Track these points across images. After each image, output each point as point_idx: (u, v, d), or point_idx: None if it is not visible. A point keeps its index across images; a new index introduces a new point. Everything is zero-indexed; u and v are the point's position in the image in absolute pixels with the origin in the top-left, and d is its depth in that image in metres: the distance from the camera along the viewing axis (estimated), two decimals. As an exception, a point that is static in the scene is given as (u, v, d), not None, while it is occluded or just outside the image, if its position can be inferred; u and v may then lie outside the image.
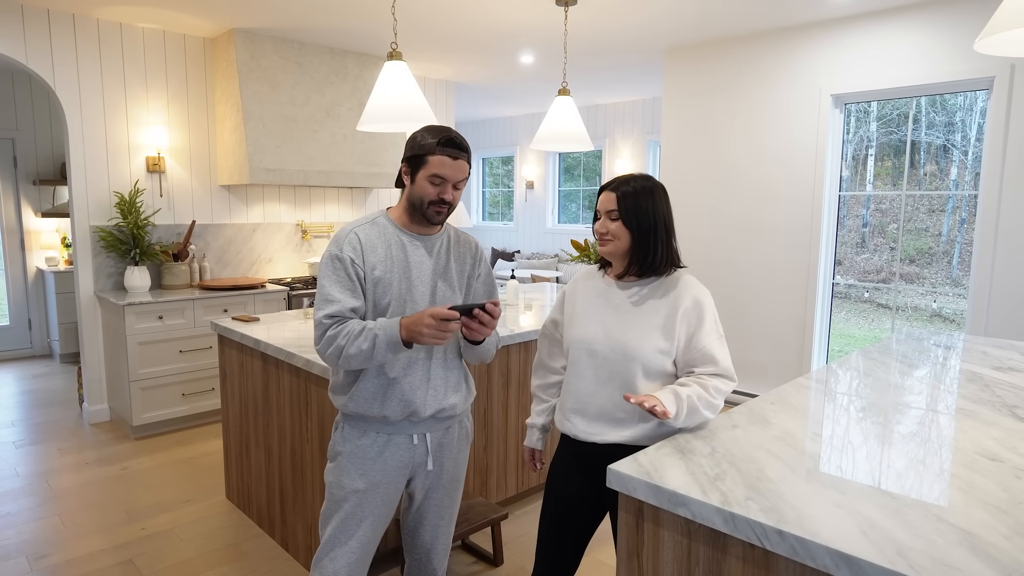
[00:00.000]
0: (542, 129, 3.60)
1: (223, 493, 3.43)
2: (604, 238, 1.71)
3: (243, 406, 3.01)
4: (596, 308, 1.76)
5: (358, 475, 1.76)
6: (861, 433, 1.63)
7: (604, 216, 1.71)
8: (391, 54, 2.74)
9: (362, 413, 1.75)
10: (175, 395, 4.31)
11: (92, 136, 4.33)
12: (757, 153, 4.70)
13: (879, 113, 4.52)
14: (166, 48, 4.60)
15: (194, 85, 4.75)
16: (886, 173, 4.58)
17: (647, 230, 1.68)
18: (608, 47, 5.01)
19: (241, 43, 4.55)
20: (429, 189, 1.71)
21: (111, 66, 4.37)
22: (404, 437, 1.78)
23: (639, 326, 1.68)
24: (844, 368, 2.31)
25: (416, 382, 1.75)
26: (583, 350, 1.74)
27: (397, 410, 1.74)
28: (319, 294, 1.70)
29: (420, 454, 1.82)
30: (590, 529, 1.81)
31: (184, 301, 4.27)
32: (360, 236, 1.73)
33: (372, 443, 1.77)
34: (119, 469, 3.73)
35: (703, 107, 4.98)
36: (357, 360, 1.63)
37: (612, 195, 1.70)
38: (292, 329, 2.97)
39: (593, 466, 1.75)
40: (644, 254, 1.69)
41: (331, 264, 1.70)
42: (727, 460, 1.43)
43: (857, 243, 4.71)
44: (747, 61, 4.70)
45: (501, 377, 3.05)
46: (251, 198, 5.12)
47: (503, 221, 9.72)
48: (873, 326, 4.76)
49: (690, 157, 5.08)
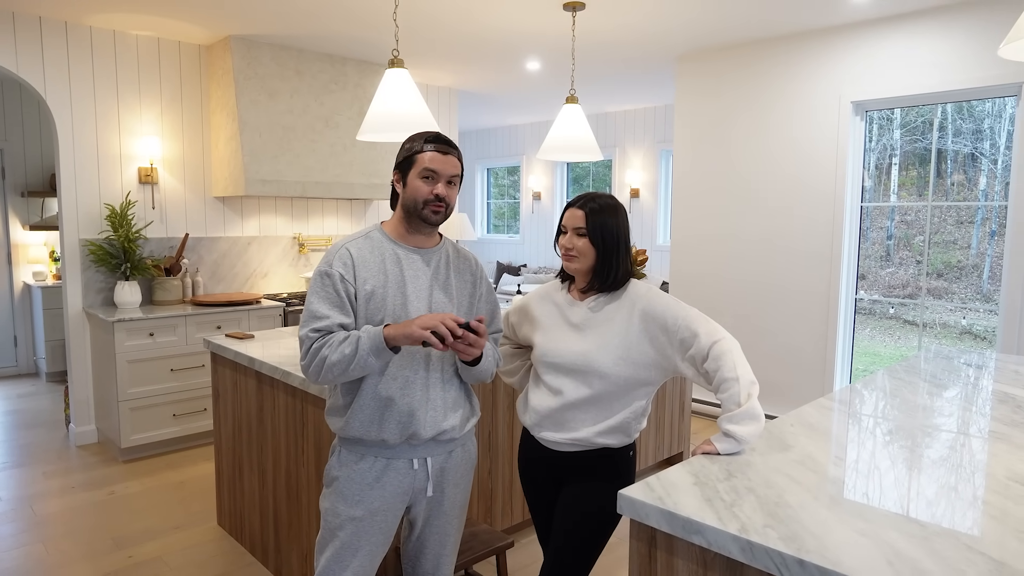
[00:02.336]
0: (549, 138, 3.62)
1: (215, 519, 3.42)
2: (570, 254, 1.84)
3: (236, 428, 3.01)
4: (556, 323, 1.89)
5: (355, 502, 1.75)
6: (887, 457, 1.62)
7: (571, 232, 1.84)
8: (392, 61, 2.77)
9: (359, 436, 1.75)
10: (166, 416, 4.31)
11: (83, 146, 4.38)
12: (775, 162, 4.70)
13: (902, 120, 4.53)
14: (160, 56, 4.66)
15: (189, 94, 4.81)
16: (911, 183, 4.58)
17: (612, 247, 1.81)
18: (618, 53, 5.05)
19: (238, 50, 4.60)
20: (422, 187, 1.74)
21: (104, 75, 4.43)
22: (404, 462, 1.78)
23: (598, 338, 1.80)
24: (869, 388, 2.29)
25: (414, 402, 1.75)
26: (545, 364, 1.87)
27: (395, 432, 1.74)
28: (306, 311, 1.71)
29: (420, 480, 1.81)
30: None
31: (176, 317, 4.29)
32: (352, 251, 1.74)
33: (370, 468, 1.76)
34: (106, 493, 3.73)
35: (717, 115, 5.00)
36: (339, 368, 1.63)
37: (580, 212, 1.82)
38: (288, 347, 2.98)
39: (552, 462, 1.93)
40: (608, 271, 1.83)
41: (319, 280, 1.71)
42: (745, 485, 1.43)
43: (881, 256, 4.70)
44: (764, 67, 4.73)
45: (506, 398, 3.04)
46: (246, 210, 5.16)
47: (509, 233, 9.75)
48: (899, 344, 4.73)
49: (704, 167, 5.09)
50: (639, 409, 1.85)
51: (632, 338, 1.79)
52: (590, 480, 1.85)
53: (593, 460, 1.85)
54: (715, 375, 1.68)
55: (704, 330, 1.73)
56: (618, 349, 1.78)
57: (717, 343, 1.71)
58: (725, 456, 1.60)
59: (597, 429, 1.81)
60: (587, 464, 1.85)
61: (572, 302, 1.89)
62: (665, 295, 1.83)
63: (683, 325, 1.75)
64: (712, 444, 1.62)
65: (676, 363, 1.77)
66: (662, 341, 1.77)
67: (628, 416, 1.83)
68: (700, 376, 1.74)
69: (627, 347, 1.78)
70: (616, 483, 1.86)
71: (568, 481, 1.89)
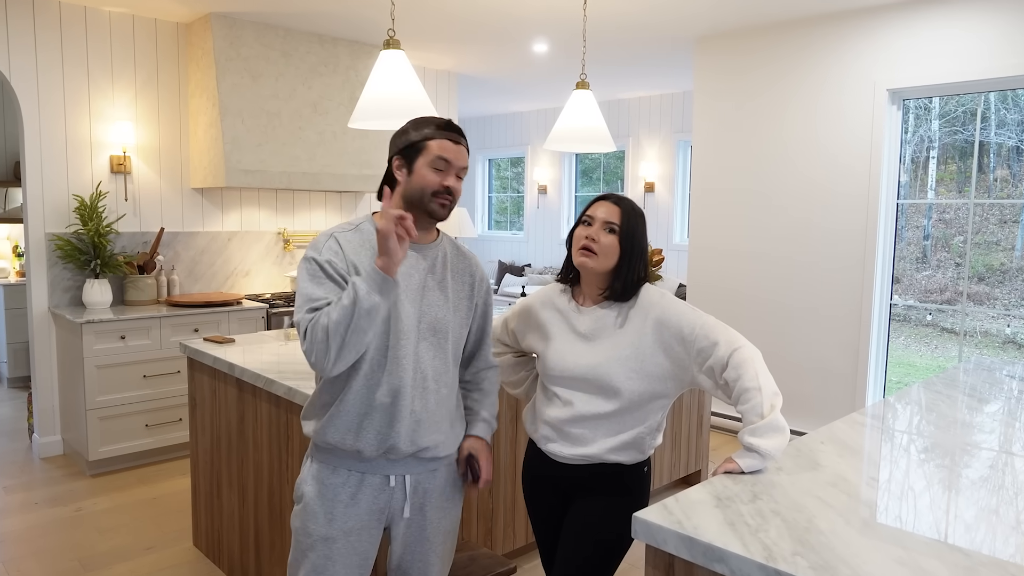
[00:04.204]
0: (557, 127, 3.62)
1: (190, 539, 3.42)
2: (591, 248, 1.80)
3: (215, 440, 3.01)
4: (562, 332, 1.88)
5: (325, 520, 1.75)
6: (924, 477, 1.62)
7: (599, 224, 1.82)
8: (388, 42, 2.77)
9: (334, 444, 1.73)
10: (138, 426, 4.32)
11: (50, 132, 4.39)
12: (803, 154, 4.70)
13: (942, 110, 4.53)
14: (135, 35, 4.67)
15: (166, 76, 4.82)
16: (950, 178, 4.58)
17: (637, 253, 1.82)
18: (633, 34, 5.05)
19: (219, 29, 4.61)
20: (431, 177, 1.73)
21: (73, 55, 4.44)
22: (379, 478, 1.77)
23: (609, 350, 1.80)
24: (904, 402, 2.29)
25: (398, 412, 1.73)
26: (552, 378, 1.86)
27: (372, 443, 1.72)
28: (299, 298, 1.69)
29: (397, 499, 1.80)
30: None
31: (150, 319, 4.30)
32: (340, 241, 1.74)
33: (343, 483, 1.75)
34: (73, 510, 3.73)
35: (741, 102, 5.00)
36: (344, 324, 1.57)
37: (617, 208, 1.82)
38: (272, 352, 2.98)
39: (561, 477, 1.93)
40: (628, 276, 1.82)
41: (308, 267, 1.70)
42: (771, 508, 1.42)
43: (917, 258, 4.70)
44: (791, 51, 4.73)
45: (509, 410, 3.04)
46: (227, 203, 5.17)
47: (512, 230, 9.76)
48: (936, 354, 4.73)
49: (726, 158, 5.10)
50: (654, 424, 1.85)
51: (645, 349, 1.79)
52: (600, 499, 1.85)
53: (604, 476, 1.85)
54: (735, 385, 1.68)
55: (724, 338, 1.73)
56: (630, 361, 1.78)
57: (737, 351, 1.71)
58: (749, 475, 1.60)
59: (609, 445, 1.81)
60: (597, 480, 1.85)
61: (578, 309, 1.89)
62: (679, 301, 1.84)
63: (701, 334, 1.75)
64: (734, 462, 1.62)
65: (693, 375, 1.78)
66: (678, 351, 1.77)
67: (642, 432, 1.83)
68: (719, 388, 1.74)
69: (640, 359, 1.78)
70: (628, 502, 1.86)
71: (576, 499, 1.89)
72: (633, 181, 7.97)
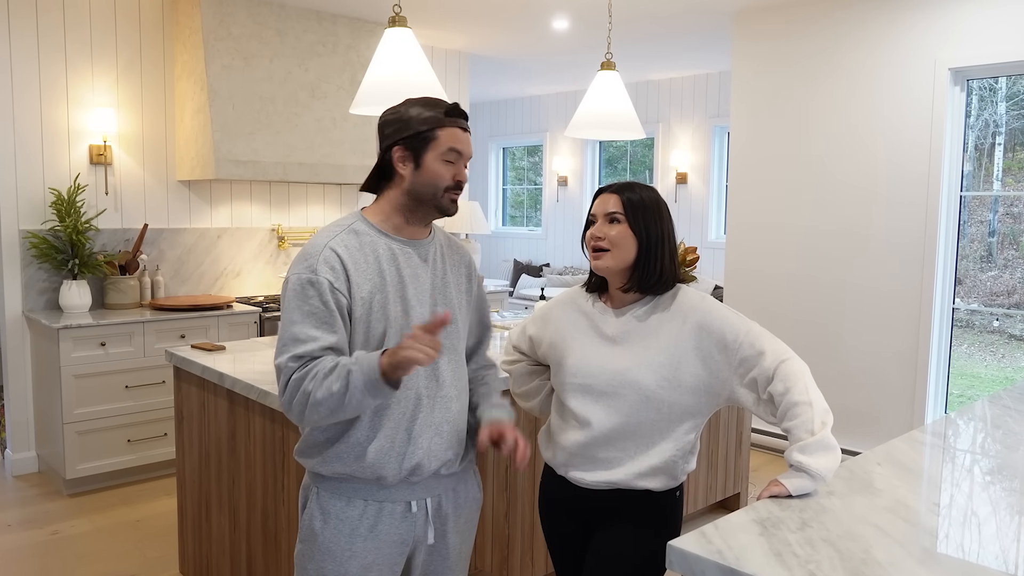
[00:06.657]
0: (580, 112, 3.62)
1: (176, 566, 3.44)
2: (600, 246, 1.80)
3: (203, 457, 3.03)
4: (585, 334, 1.87)
5: (346, 558, 1.72)
6: (989, 502, 1.60)
7: (602, 219, 1.81)
8: (393, 19, 2.79)
9: (349, 473, 1.71)
10: (119, 441, 4.35)
11: (25, 120, 4.44)
12: (854, 141, 4.67)
13: (1009, 92, 4.49)
14: (116, 14, 4.71)
15: (150, 58, 4.86)
16: (1018, 167, 4.53)
17: (656, 240, 1.79)
18: (663, 8, 5.04)
19: (208, 7, 4.65)
20: (444, 171, 1.73)
21: (49, 36, 4.48)
22: (400, 505, 1.76)
23: (640, 353, 1.78)
24: (967, 418, 2.27)
25: (416, 427, 1.72)
26: (572, 386, 1.84)
27: (394, 467, 1.70)
28: (283, 331, 1.65)
29: (420, 525, 1.80)
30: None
31: (132, 324, 4.33)
32: (339, 251, 1.68)
33: (361, 516, 1.73)
34: (48, 533, 3.77)
35: (784, 84, 4.97)
36: (326, 407, 1.58)
37: (615, 195, 1.81)
38: (266, 360, 3.00)
39: (581, 507, 1.92)
40: (650, 268, 1.79)
41: (301, 292, 1.64)
42: (822, 536, 1.42)
43: (982, 257, 4.66)
44: (841, 28, 4.70)
45: (528, 424, 3.04)
46: (216, 197, 5.20)
47: (528, 226, 9.77)
48: (1004, 364, 4.68)
49: (767, 147, 5.07)
50: (687, 446, 1.83)
51: (682, 355, 1.77)
52: (627, 527, 1.84)
53: (632, 501, 1.84)
54: (782, 399, 1.67)
55: (770, 348, 1.73)
56: (664, 368, 1.77)
57: (785, 362, 1.71)
58: (797, 499, 1.59)
59: (637, 470, 1.80)
60: (624, 506, 1.84)
61: (605, 310, 1.88)
62: (722, 305, 1.83)
63: (746, 342, 1.74)
64: (780, 484, 1.62)
65: (732, 387, 1.77)
66: (717, 360, 1.77)
67: (675, 454, 1.81)
68: (760, 404, 1.73)
69: (675, 366, 1.77)
70: (659, 530, 1.84)
71: (600, 526, 1.88)
72: (664, 171, 7.95)
